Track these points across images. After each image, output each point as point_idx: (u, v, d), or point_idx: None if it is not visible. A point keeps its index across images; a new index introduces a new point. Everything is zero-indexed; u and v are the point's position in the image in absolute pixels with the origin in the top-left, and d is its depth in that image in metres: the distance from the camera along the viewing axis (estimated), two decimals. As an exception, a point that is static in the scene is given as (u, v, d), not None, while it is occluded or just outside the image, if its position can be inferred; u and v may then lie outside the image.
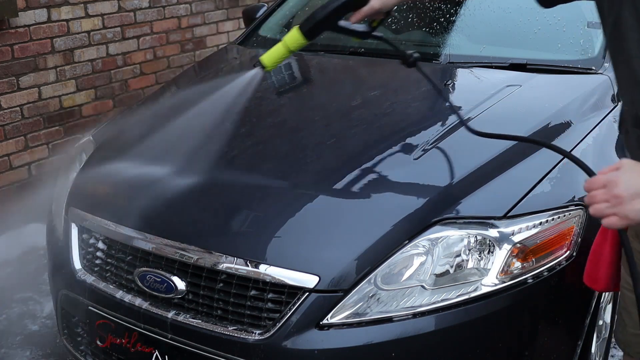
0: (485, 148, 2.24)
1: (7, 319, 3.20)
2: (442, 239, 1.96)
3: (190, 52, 5.04)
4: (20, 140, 4.00)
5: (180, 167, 2.37)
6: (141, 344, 2.13)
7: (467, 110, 2.45)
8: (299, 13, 3.66)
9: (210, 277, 2.01)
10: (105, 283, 2.21)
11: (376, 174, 2.19)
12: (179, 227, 2.14)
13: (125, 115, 2.92)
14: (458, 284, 1.94)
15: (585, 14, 2.98)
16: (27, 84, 3.97)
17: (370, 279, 1.91)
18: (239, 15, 5.34)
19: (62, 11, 4.09)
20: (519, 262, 1.99)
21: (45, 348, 2.98)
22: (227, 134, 2.57)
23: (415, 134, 2.37)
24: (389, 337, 1.89)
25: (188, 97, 2.96)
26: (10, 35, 3.82)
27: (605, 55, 2.77)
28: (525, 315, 2.01)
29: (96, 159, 2.57)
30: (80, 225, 2.34)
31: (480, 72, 2.80)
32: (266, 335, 1.92)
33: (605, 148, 2.43)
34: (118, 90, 4.56)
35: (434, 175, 2.16)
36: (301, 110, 2.67)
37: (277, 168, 2.27)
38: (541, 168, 2.17)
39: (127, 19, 4.51)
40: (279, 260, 1.95)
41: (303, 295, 1.90)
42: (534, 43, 2.93)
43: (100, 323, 2.23)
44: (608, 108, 2.58)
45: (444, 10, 3.19)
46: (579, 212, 2.10)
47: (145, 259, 2.12)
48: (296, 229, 2.04)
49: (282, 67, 3.18)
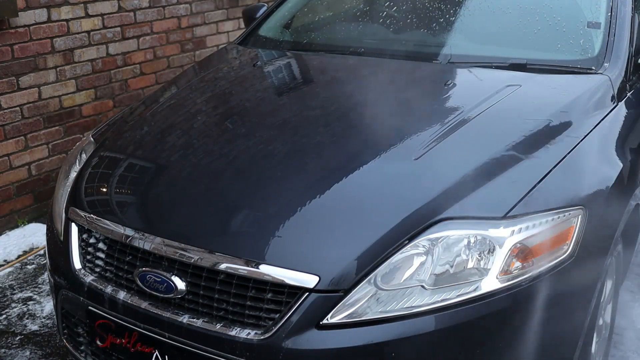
0: (485, 148, 2.25)
1: (7, 319, 3.20)
2: (442, 239, 1.96)
3: (190, 52, 5.05)
4: (20, 140, 4.00)
5: (180, 167, 2.37)
6: (141, 344, 2.13)
7: (467, 110, 2.45)
8: (299, 13, 3.66)
9: (210, 277, 2.01)
10: (105, 283, 2.21)
11: (376, 174, 2.19)
12: (179, 227, 2.14)
13: (125, 115, 2.91)
14: (458, 284, 1.94)
15: (585, 14, 2.98)
16: (27, 84, 3.97)
17: (370, 279, 1.91)
18: (239, 15, 5.34)
19: (62, 11, 4.09)
20: (519, 262, 1.99)
21: (45, 348, 2.99)
22: (227, 134, 2.57)
23: (416, 134, 2.36)
24: (389, 337, 1.89)
25: (188, 97, 2.96)
26: (10, 35, 3.82)
27: (605, 55, 2.77)
28: (525, 316, 2.01)
29: (96, 159, 2.57)
30: (80, 225, 2.34)
31: (480, 72, 2.79)
32: (266, 335, 1.92)
33: (606, 147, 2.44)
34: (118, 90, 4.56)
35: (434, 175, 2.16)
36: (301, 110, 2.67)
37: (277, 168, 2.27)
38: (541, 168, 2.17)
39: (127, 19, 4.52)
40: (279, 260, 1.95)
41: (303, 295, 1.90)
42: (534, 43, 2.93)
43: (100, 323, 2.23)
44: (608, 108, 2.58)
45: (444, 10, 3.19)
46: (579, 212, 2.10)
47: (145, 259, 2.12)
48: (296, 228, 2.04)
49: (282, 66, 3.18)
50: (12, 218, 4.05)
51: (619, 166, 2.39)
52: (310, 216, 2.06)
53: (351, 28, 3.46)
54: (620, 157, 2.42)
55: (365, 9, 3.62)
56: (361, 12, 3.61)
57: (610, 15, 2.90)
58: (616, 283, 2.62)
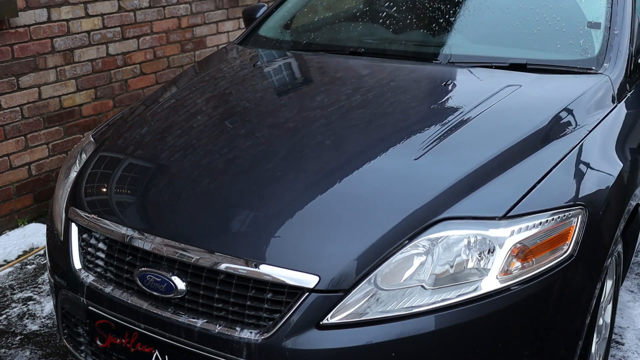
0: (485, 148, 2.25)
1: (7, 319, 3.20)
2: (442, 239, 1.96)
3: (190, 52, 5.05)
4: (20, 140, 4.00)
5: (180, 167, 2.37)
6: (141, 344, 2.13)
7: (467, 110, 2.45)
8: (299, 13, 3.67)
9: (210, 277, 2.01)
10: (105, 283, 2.21)
11: (376, 174, 2.19)
12: (179, 227, 2.14)
13: (125, 115, 2.92)
14: (458, 284, 1.94)
15: (585, 14, 2.98)
16: (27, 84, 3.97)
17: (370, 279, 1.91)
18: (239, 15, 5.34)
19: (62, 11, 4.09)
20: (519, 262, 1.99)
21: (45, 348, 2.99)
22: (227, 134, 2.57)
23: (415, 134, 2.36)
24: (389, 337, 1.89)
25: (188, 97, 2.96)
26: (10, 35, 3.82)
27: (605, 55, 2.77)
28: (525, 315, 2.01)
29: (96, 159, 2.57)
30: (80, 225, 2.34)
31: (480, 72, 2.80)
32: (266, 335, 1.92)
33: (606, 147, 2.44)
34: (118, 90, 4.56)
35: (434, 175, 2.16)
36: (301, 110, 2.67)
37: (277, 168, 2.27)
38: (541, 168, 2.17)
39: (127, 19, 4.52)
40: (279, 260, 1.95)
41: (303, 295, 1.90)
42: (534, 43, 2.93)
43: (100, 323, 2.23)
44: (608, 108, 2.58)
45: (444, 10, 3.19)
46: (579, 212, 2.10)
47: (145, 259, 2.12)
48: (296, 228, 2.04)
49: (282, 66, 3.18)
50: (12, 218, 4.05)
51: (619, 166, 2.39)
52: (311, 216, 2.06)
53: (351, 28, 3.46)
54: (620, 157, 2.42)
55: (365, 9, 3.62)
56: (361, 12, 3.61)
57: (610, 15, 2.90)
58: (616, 283, 2.62)
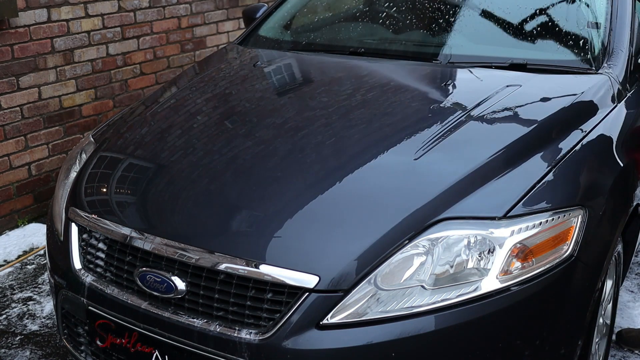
0: (485, 148, 2.24)
1: (7, 319, 3.20)
2: (442, 239, 1.96)
3: (190, 52, 5.05)
4: (20, 140, 4.00)
5: (180, 167, 2.37)
6: (141, 344, 2.13)
7: (467, 110, 2.45)
8: (299, 13, 3.67)
9: (210, 277, 2.01)
10: (105, 283, 2.21)
11: (376, 174, 2.19)
12: (179, 227, 2.14)
13: (125, 115, 2.92)
14: (458, 284, 1.94)
15: (585, 14, 2.98)
16: (27, 84, 3.97)
17: (370, 279, 1.91)
18: (239, 15, 5.34)
19: (62, 11, 4.09)
20: (519, 262, 1.99)
21: (45, 348, 2.99)
22: (227, 134, 2.57)
23: (415, 134, 2.36)
24: (389, 337, 1.89)
25: (188, 97, 2.96)
26: (10, 35, 3.82)
27: (605, 55, 2.77)
28: (525, 315, 2.01)
29: (96, 158, 2.57)
30: (80, 225, 2.34)
31: (481, 72, 2.80)
32: (266, 335, 1.92)
33: (606, 147, 2.44)
34: (118, 90, 4.56)
35: (434, 175, 2.16)
36: (301, 110, 2.67)
37: (277, 168, 2.27)
38: (541, 168, 2.17)
39: (127, 19, 4.52)
40: (279, 260, 1.95)
41: (303, 295, 1.90)
42: (534, 43, 2.93)
43: (100, 323, 2.23)
44: (608, 108, 2.58)
45: (444, 10, 3.19)
46: (579, 212, 2.10)
47: (145, 259, 2.12)
48: (296, 228, 2.04)
49: (282, 67, 3.18)
50: (12, 218, 4.05)
51: (619, 166, 2.39)
52: (311, 216, 2.06)
53: (351, 28, 3.46)
54: (621, 157, 2.42)
55: (365, 10, 3.62)
56: (361, 12, 3.61)
57: (610, 15, 2.90)
58: (616, 283, 2.62)
